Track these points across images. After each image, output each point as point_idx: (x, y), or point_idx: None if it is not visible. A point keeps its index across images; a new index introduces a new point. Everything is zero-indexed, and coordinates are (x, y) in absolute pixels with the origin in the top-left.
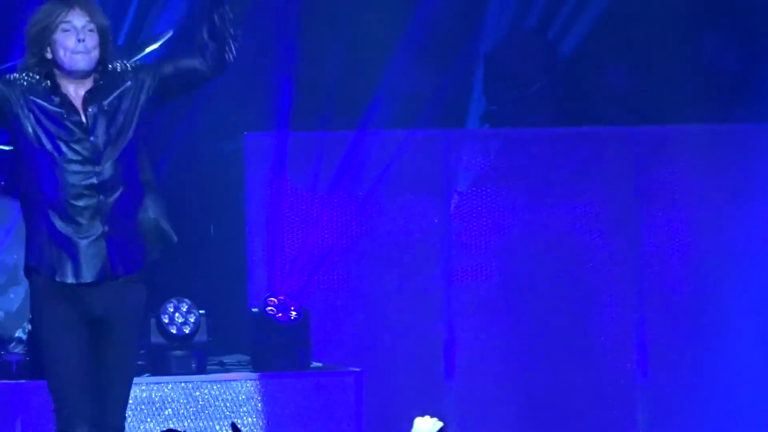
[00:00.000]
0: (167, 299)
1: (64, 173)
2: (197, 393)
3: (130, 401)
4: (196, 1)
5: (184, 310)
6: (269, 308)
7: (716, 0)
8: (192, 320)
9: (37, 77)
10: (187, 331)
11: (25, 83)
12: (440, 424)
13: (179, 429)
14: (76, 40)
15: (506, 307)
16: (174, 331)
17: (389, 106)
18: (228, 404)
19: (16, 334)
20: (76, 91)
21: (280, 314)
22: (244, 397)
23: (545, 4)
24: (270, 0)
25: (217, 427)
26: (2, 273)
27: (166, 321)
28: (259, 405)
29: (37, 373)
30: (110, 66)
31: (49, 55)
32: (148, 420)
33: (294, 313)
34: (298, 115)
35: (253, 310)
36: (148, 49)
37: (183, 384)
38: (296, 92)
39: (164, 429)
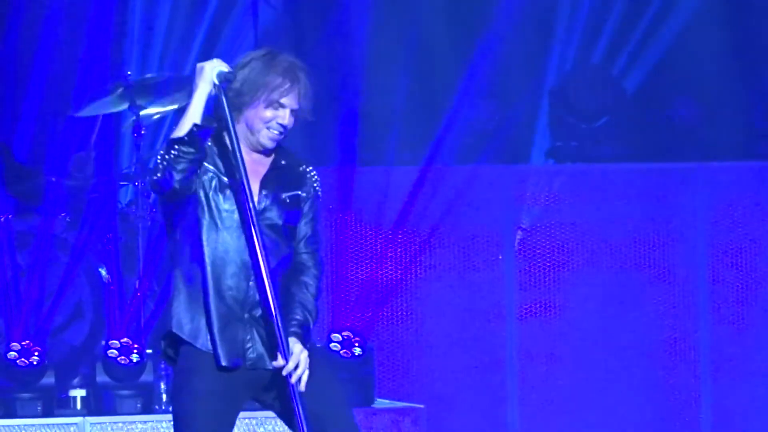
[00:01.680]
0: None
1: (219, 247)
2: (260, 429)
3: None
4: (261, 39)
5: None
6: (333, 344)
7: None
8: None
9: (209, 143)
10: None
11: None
12: None
13: None
14: (278, 123)
15: (571, 344)
16: None
17: (454, 141)
18: None
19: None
20: (249, 156)
21: (344, 350)
22: None
23: (610, 38)
24: (337, 35)
25: None
26: (67, 308)
27: None
28: None
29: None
30: (297, 162)
31: (236, 115)
32: None
33: (358, 349)
34: (364, 150)
35: (317, 345)
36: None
37: (247, 420)
38: (362, 127)
39: None
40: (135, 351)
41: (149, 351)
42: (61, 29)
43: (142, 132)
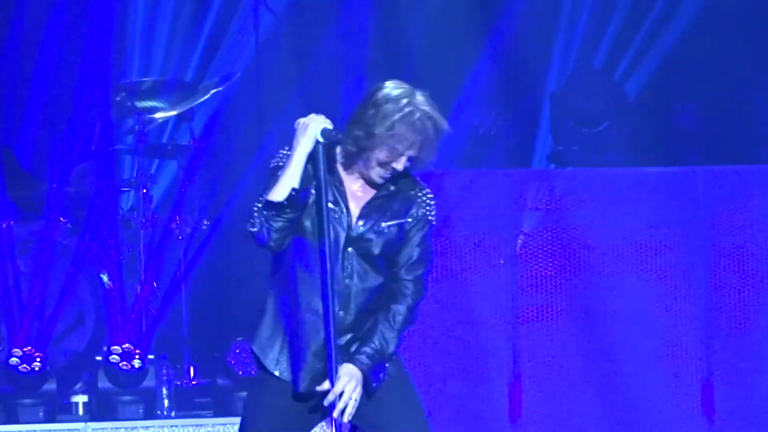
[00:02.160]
0: (233, 341)
1: (309, 273)
2: None
3: None
4: (263, 45)
5: (250, 351)
6: None
7: None
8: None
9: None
10: (253, 373)
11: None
12: None
13: None
14: (391, 167)
15: (573, 349)
16: (240, 373)
17: (456, 146)
18: None
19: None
20: (356, 182)
21: None
22: None
23: (612, 43)
24: (337, 41)
25: None
26: (70, 314)
27: (232, 362)
28: None
29: None
30: (411, 186)
31: (353, 149)
32: None
33: None
34: None
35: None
36: (213, 91)
37: None
38: None
39: None
40: (137, 356)
41: (151, 357)
42: (63, 35)
43: (145, 130)
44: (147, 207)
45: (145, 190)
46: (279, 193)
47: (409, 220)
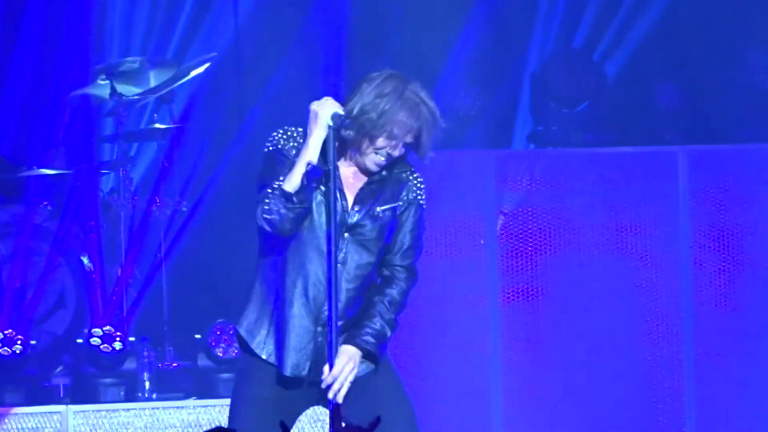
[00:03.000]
0: (214, 322)
1: (305, 257)
2: None
3: (177, 424)
4: (242, 25)
5: (231, 333)
6: None
7: (764, 19)
8: (236, 344)
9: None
10: (233, 354)
11: (294, 150)
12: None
13: None
14: (387, 152)
15: (553, 328)
16: (221, 354)
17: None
18: None
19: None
20: (349, 169)
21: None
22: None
23: (592, 23)
24: (318, 23)
25: None
26: (51, 297)
27: (213, 344)
28: (306, 430)
29: None
30: (403, 169)
31: (350, 133)
32: None
33: None
34: None
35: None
36: (193, 73)
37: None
38: None
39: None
40: (118, 339)
41: (132, 339)
42: (42, 19)
43: (125, 113)
44: (127, 189)
45: (123, 172)
46: (295, 182)
47: (401, 203)
